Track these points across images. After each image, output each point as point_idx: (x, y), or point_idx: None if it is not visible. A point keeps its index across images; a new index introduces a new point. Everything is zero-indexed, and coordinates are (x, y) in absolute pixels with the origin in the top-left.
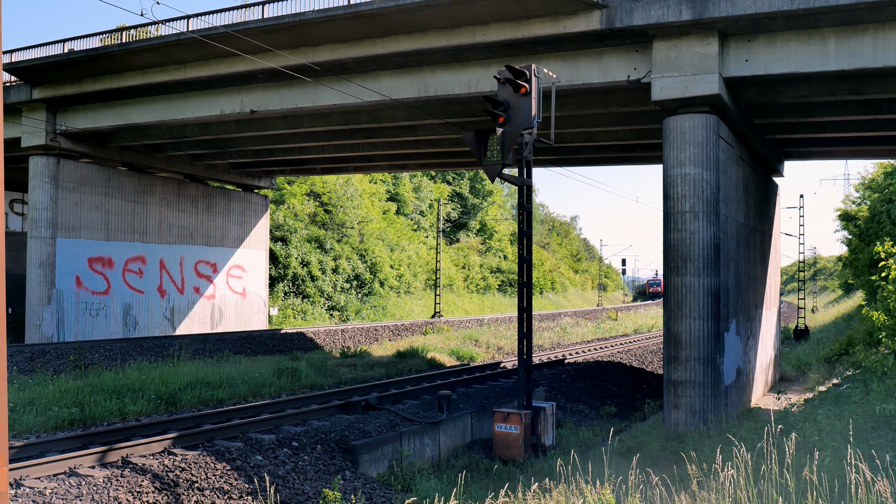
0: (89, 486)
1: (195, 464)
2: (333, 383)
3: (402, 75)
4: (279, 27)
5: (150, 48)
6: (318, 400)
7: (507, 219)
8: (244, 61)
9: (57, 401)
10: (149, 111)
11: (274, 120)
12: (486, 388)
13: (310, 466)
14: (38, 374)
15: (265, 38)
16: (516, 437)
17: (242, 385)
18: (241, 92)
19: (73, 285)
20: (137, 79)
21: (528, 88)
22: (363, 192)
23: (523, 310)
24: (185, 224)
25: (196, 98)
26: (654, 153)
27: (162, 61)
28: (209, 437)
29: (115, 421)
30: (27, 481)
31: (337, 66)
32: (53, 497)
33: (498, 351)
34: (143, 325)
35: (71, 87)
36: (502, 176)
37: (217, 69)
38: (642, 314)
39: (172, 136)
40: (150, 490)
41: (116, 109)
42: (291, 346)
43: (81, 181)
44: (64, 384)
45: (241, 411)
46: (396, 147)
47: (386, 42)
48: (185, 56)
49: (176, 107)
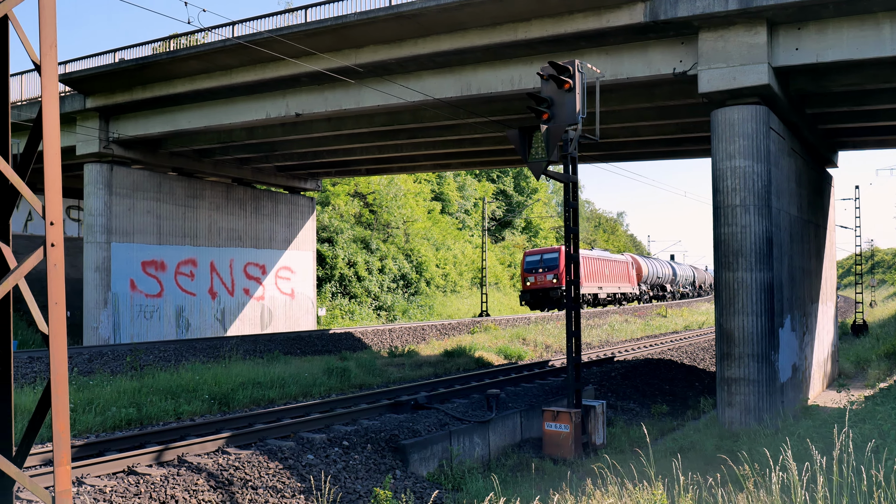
0: (147, 484)
1: (248, 463)
2: (382, 383)
3: (444, 74)
4: (321, 30)
5: (197, 55)
6: (367, 399)
7: (553, 216)
8: (288, 65)
9: (115, 401)
10: (197, 117)
11: (318, 122)
12: (535, 387)
13: (360, 465)
14: (97, 375)
15: (308, 42)
16: (566, 436)
17: (293, 385)
18: (286, 95)
19: (128, 288)
20: (185, 86)
21: (571, 84)
22: (407, 192)
23: (571, 307)
24: (234, 227)
25: (242, 103)
26: (701, 146)
27: (208, 68)
28: (262, 437)
29: (171, 420)
30: (88, 479)
31: (379, 67)
32: (113, 495)
33: (546, 349)
34: (195, 326)
35: (122, 96)
36: (547, 173)
37: (262, 74)
38: (693, 310)
39: (220, 141)
40: (206, 488)
41: (166, 116)
42: (340, 347)
43: (134, 187)
44: (121, 385)
45: (292, 411)
46: (440, 146)
47: (427, 42)
48: (231, 62)
49: (223, 112)
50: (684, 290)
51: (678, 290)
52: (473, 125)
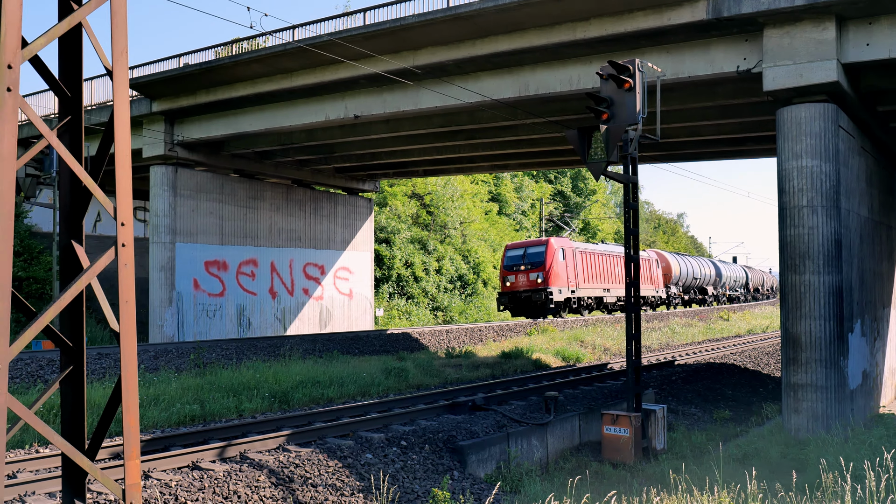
0: (210, 479)
1: (308, 461)
2: (439, 383)
3: (501, 75)
4: (380, 33)
5: (258, 59)
6: (424, 400)
7: (611, 217)
8: (347, 67)
9: (179, 397)
10: (258, 120)
11: (377, 124)
12: (594, 390)
13: (419, 466)
14: (162, 372)
15: (367, 44)
16: (626, 441)
17: (351, 384)
18: (345, 97)
19: (192, 288)
20: (247, 89)
21: (631, 83)
22: (464, 193)
23: (631, 309)
24: (294, 228)
25: (302, 105)
26: (765, 146)
27: (269, 71)
28: (321, 435)
29: (233, 417)
30: (154, 473)
31: (437, 69)
32: (178, 489)
33: (604, 352)
34: (256, 325)
35: (186, 100)
36: (607, 174)
37: (321, 76)
38: (756, 314)
39: (280, 143)
40: (267, 485)
41: (228, 119)
42: (397, 347)
43: (197, 188)
44: (185, 382)
45: (350, 410)
46: (497, 147)
47: (485, 43)
48: (291, 65)
49: (283, 114)
50: (733, 293)
51: (724, 294)
52: (531, 126)
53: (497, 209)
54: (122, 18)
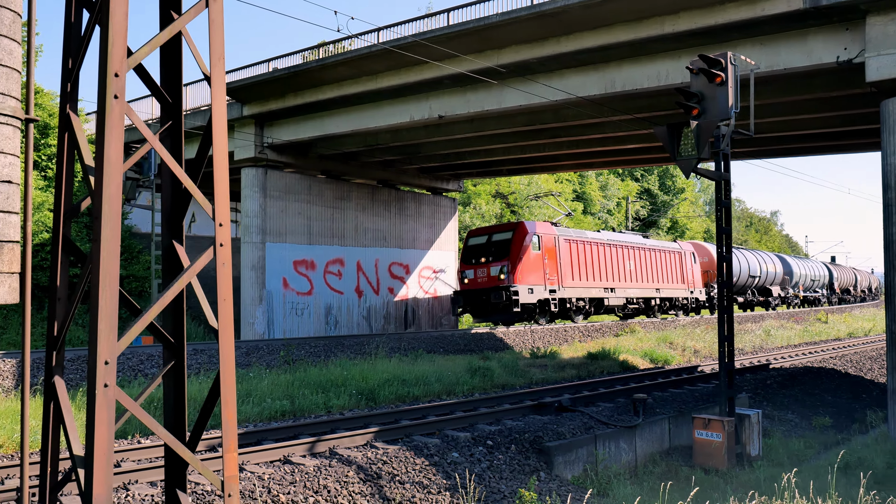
0: (301, 473)
1: (396, 458)
2: (524, 383)
3: (586, 72)
4: (464, 32)
5: (345, 62)
6: (510, 400)
7: (700, 215)
8: (431, 68)
9: (270, 393)
10: (344, 121)
11: (460, 123)
12: (684, 393)
13: (505, 465)
14: (254, 368)
15: (450, 44)
16: (719, 446)
17: (436, 383)
18: (429, 98)
19: (281, 286)
20: (334, 91)
21: (723, 77)
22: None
23: (723, 310)
24: (379, 227)
25: (387, 106)
26: (867, 139)
27: (355, 73)
28: (408, 433)
29: (321, 414)
30: (248, 466)
31: (521, 67)
32: (271, 482)
33: (695, 354)
34: (343, 324)
35: (275, 103)
36: (698, 171)
37: (406, 77)
38: (857, 316)
39: (366, 144)
40: (356, 480)
41: (315, 121)
42: (482, 346)
43: (286, 190)
44: (276, 378)
45: (435, 409)
46: (581, 145)
47: (570, 40)
48: (377, 67)
49: (369, 116)
50: (810, 294)
51: (795, 295)
52: (617, 123)
53: (582, 208)
54: (220, 26)
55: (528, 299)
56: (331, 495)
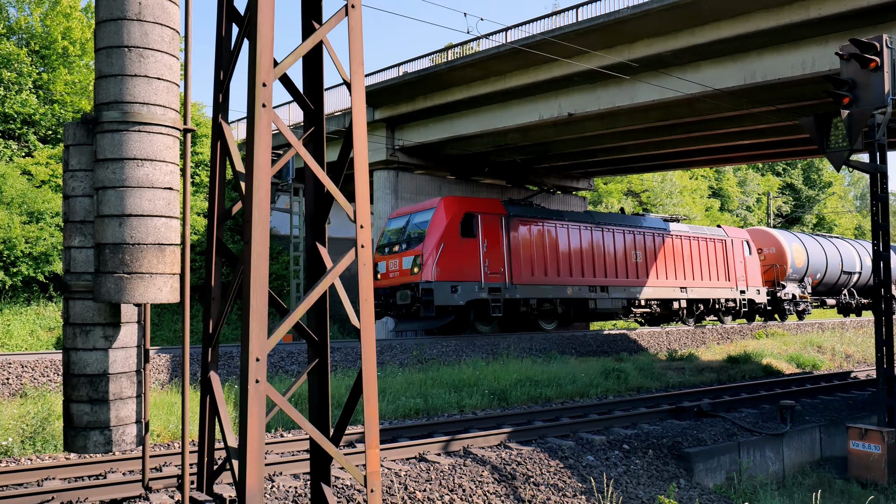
0: (437, 471)
1: (530, 459)
2: (661, 387)
3: (723, 63)
4: (594, 28)
5: (473, 63)
6: (646, 403)
7: (850, 211)
8: (560, 65)
9: (404, 391)
10: (473, 122)
11: (590, 121)
12: (836, 400)
13: (642, 471)
14: (387, 367)
15: (580, 41)
16: (877, 458)
17: (569, 384)
18: (559, 96)
19: None
20: (462, 93)
21: (878, 62)
22: (683, 189)
23: (881, 313)
24: None
25: (515, 106)
26: None
27: (483, 74)
28: (541, 434)
29: (454, 412)
30: (384, 462)
31: (654, 61)
32: (407, 479)
33: (846, 359)
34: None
35: (405, 106)
36: (850, 163)
37: (534, 76)
38: None
39: (495, 144)
40: (490, 480)
41: (444, 123)
42: (615, 348)
43: (416, 191)
44: (409, 376)
45: (568, 410)
46: (718, 139)
47: (705, 30)
48: (505, 67)
49: (497, 116)
50: None
51: None
52: (757, 115)
53: (719, 205)
54: (359, 33)
55: (450, 300)
56: (465, 494)
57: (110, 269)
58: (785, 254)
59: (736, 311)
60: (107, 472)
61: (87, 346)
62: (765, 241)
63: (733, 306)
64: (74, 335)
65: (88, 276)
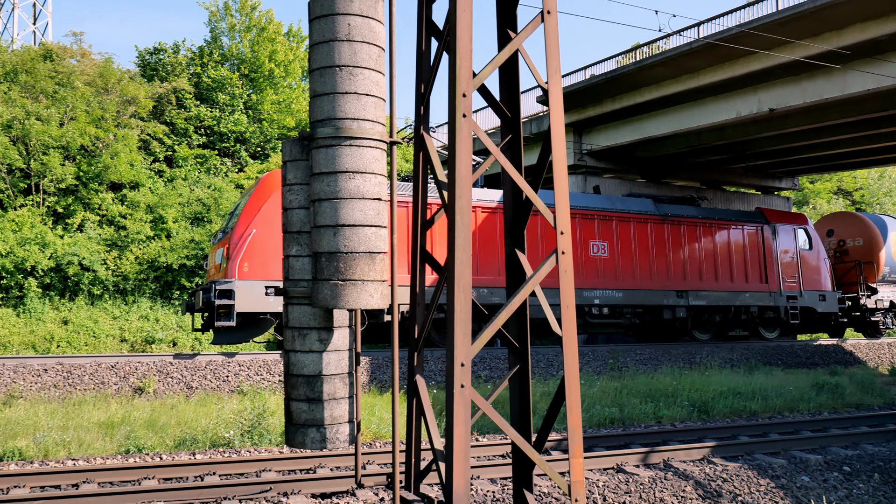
0: (636, 483)
1: (736, 476)
2: (884, 404)
3: None
4: (797, 16)
5: (662, 62)
6: (867, 421)
7: None
8: (758, 59)
9: (599, 400)
10: (663, 123)
11: (794, 116)
12: None
13: (867, 496)
14: (582, 374)
15: (781, 31)
16: None
17: (776, 398)
18: (757, 91)
19: None
20: (651, 93)
21: None
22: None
23: None
24: None
25: (710, 104)
26: None
27: (673, 73)
28: (748, 451)
29: (651, 423)
30: None
31: (868, 46)
32: (605, 490)
33: None
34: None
35: (593, 110)
36: None
37: (730, 71)
38: None
39: (688, 145)
40: (694, 497)
41: (633, 125)
42: (827, 360)
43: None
44: (604, 385)
45: (777, 426)
46: None
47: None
48: (697, 63)
49: (689, 115)
50: None
51: None
52: None
53: None
54: (555, 40)
55: (262, 306)
56: None
57: (326, 276)
58: (878, 246)
59: (773, 321)
60: (316, 468)
61: (305, 349)
62: (849, 229)
63: (774, 316)
64: (293, 338)
65: (305, 282)
